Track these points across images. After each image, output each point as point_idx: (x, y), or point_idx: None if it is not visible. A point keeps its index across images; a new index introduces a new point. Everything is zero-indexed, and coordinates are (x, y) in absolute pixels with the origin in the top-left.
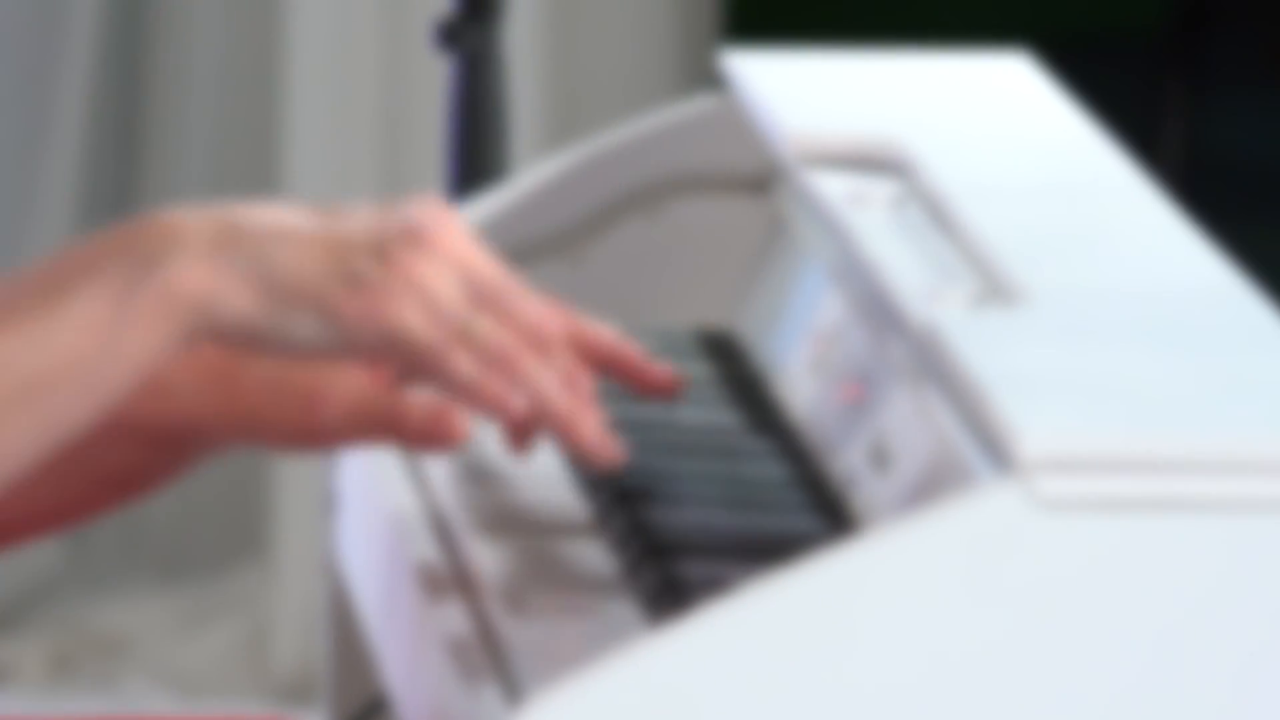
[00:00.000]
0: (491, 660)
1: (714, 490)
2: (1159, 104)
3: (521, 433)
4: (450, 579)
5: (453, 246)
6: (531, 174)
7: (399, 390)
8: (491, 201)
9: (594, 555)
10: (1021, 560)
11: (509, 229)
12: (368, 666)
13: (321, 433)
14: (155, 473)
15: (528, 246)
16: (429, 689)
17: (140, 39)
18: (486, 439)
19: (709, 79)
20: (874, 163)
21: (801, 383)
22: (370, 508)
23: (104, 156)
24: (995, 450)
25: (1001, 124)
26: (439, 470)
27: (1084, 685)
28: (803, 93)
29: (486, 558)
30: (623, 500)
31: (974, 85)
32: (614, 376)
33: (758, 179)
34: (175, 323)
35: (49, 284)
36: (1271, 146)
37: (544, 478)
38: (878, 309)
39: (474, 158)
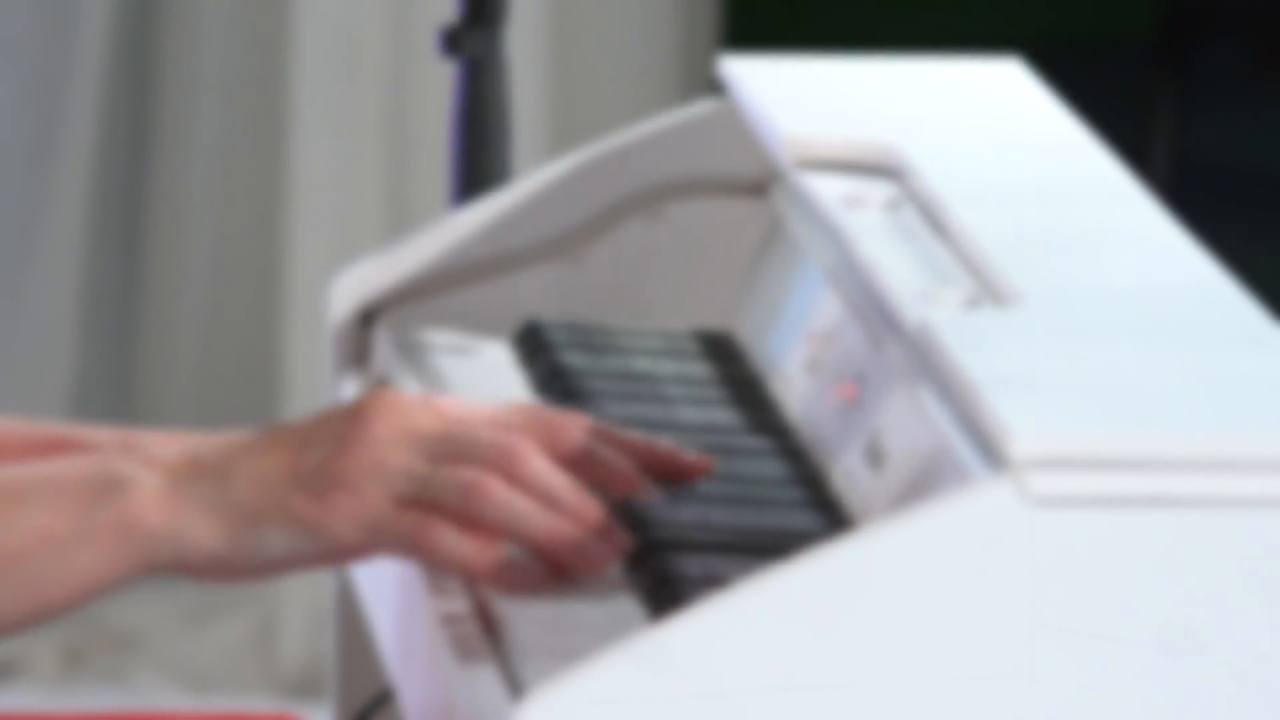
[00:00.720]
0: (493, 654)
1: (712, 488)
2: (1150, 108)
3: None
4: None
5: (396, 418)
6: (534, 177)
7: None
8: (495, 203)
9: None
10: (1014, 555)
11: (512, 230)
12: (374, 661)
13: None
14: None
15: (530, 248)
16: (431, 682)
17: (149, 45)
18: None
19: (708, 83)
20: (870, 166)
21: (798, 382)
22: None
23: (114, 159)
24: (988, 449)
25: (995, 127)
26: None
27: (1076, 676)
28: (800, 97)
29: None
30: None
31: (968, 89)
32: (652, 473)
33: (756, 182)
34: (130, 552)
35: (15, 482)
36: (1260, 151)
37: None
38: (873, 310)
39: (478, 161)
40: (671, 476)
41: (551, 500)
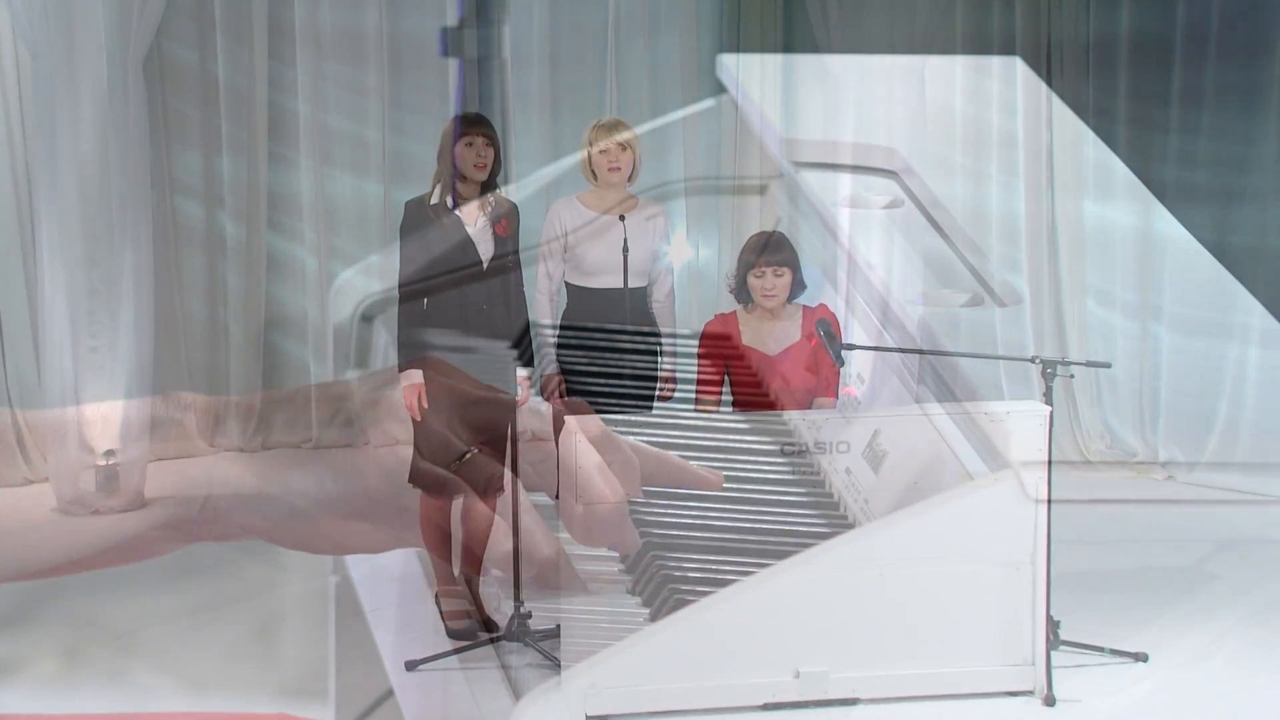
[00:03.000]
0: (494, 654)
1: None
2: (1151, 108)
3: None
4: (453, 573)
5: (443, 380)
6: (534, 175)
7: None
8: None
9: (595, 550)
10: (1012, 546)
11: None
12: (374, 662)
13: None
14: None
15: (530, 247)
16: (431, 682)
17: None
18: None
19: (709, 83)
20: (870, 164)
21: (799, 382)
22: None
23: (114, 158)
24: (987, 448)
25: (996, 126)
26: None
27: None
28: (800, 96)
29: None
30: None
31: (968, 88)
32: (659, 483)
33: (756, 181)
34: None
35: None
36: (1256, 152)
37: None
38: (873, 310)
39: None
40: (678, 487)
41: (585, 488)
